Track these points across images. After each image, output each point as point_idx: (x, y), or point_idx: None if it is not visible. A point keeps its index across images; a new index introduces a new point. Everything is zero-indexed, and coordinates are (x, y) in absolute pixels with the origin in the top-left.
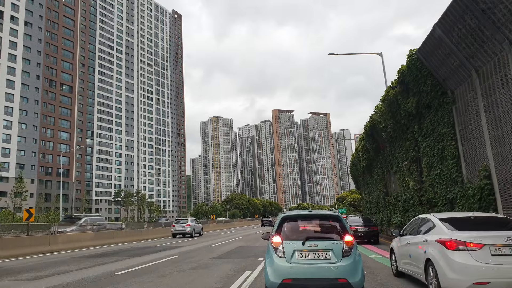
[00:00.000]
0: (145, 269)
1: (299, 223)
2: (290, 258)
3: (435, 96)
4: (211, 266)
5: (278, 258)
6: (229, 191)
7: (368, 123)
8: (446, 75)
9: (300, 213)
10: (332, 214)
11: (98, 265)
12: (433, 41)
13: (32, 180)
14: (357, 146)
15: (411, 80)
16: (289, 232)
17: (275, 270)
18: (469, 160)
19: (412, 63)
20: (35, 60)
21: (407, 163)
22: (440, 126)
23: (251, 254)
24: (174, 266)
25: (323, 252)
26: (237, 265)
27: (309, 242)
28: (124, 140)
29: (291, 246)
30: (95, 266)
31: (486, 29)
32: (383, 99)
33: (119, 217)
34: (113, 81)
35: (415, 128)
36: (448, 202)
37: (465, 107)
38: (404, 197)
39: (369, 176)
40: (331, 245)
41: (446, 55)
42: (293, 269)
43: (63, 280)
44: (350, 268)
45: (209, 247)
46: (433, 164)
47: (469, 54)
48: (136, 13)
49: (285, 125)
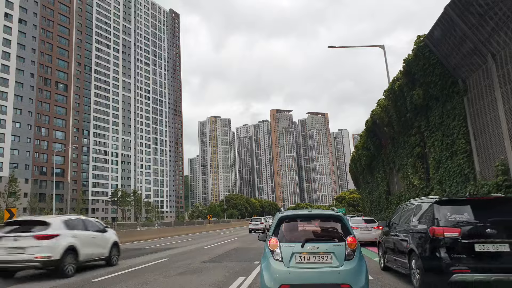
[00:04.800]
0: (127, 275)
1: (298, 223)
2: (288, 262)
3: (445, 86)
4: (201, 271)
5: (275, 262)
6: (227, 191)
7: (370, 119)
8: (458, 62)
9: (299, 213)
10: (334, 214)
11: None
12: (444, 25)
13: (26, 180)
14: (357, 143)
15: (418, 69)
16: (287, 234)
17: (272, 275)
18: (483, 155)
19: (420, 51)
20: (30, 58)
21: (412, 160)
22: (449, 119)
23: (246, 257)
24: (160, 271)
25: (324, 255)
26: (230, 270)
27: (308, 245)
28: (121, 139)
29: (289, 249)
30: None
31: (507, 7)
32: (387, 93)
33: (116, 218)
34: (109, 80)
35: (422, 122)
36: None
37: (479, 97)
38: (408, 195)
39: (370, 175)
40: (333, 247)
41: (458, 40)
42: (292, 274)
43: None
44: (353, 273)
45: (202, 248)
46: (442, 160)
47: (485, 37)
48: (133, 12)
49: (283, 125)
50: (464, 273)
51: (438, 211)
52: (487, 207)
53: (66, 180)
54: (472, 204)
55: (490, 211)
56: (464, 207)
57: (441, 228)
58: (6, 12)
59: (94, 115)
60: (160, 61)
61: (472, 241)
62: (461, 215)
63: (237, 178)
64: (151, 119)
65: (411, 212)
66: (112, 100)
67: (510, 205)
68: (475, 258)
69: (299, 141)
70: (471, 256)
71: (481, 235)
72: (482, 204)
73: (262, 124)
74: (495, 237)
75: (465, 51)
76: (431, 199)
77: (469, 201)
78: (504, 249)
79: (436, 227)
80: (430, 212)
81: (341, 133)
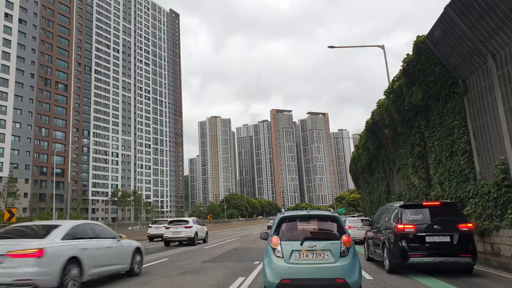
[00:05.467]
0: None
1: (298, 223)
2: (289, 259)
3: (444, 86)
4: (201, 271)
5: (276, 259)
6: (228, 191)
7: (370, 119)
8: (458, 62)
9: (299, 214)
10: (330, 215)
11: None
12: (444, 25)
13: (27, 180)
14: (357, 143)
15: (418, 69)
16: (287, 233)
17: (274, 270)
18: (483, 155)
19: (419, 51)
20: (30, 58)
21: (412, 160)
22: (449, 119)
23: (247, 257)
24: (160, 271)
25: (321, 252)
26: (230, 270)
27: (307, 243)
28: (121, 139)
29: (289, 247)
30: None
31: (507, 7)
32: (387, 93)
33: (116, 218)
34: (110, 80)
35: (422, 122)
36: (458, 200)
37: (479, 97)
38: (408, 195)
39: (370, 175)
40: (329, 245)
41: (458, 40)
42: (291, 269)
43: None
44: (348, 268)
45: (203, 248)
46: (442, 160)
47: (485, 37)
48: (133, 12)
49: (283, 125)
50: (418, 257)
51: (402, 213)
52: (435, 210)
53: (66, 180)
54: (425, 207)
55: (437, 213)
56: (420, 210)
57: (403, 225)
58: (6, 12)
59: (94, 115)
60: (160, 61)
61: (424, 234)
62: (417, 216)
63: (237, 178)
64: (151, 119)
65: (385, 213)
66: (112, 100)
67: (451, 208)
68: (426, 246)
69: (299, 141)
70: (423, 245)
71: (430, 230)
72: (432, 207)
73: (262, 124)
74: (440, 231)
75: (465, 51)
76: (397, 204)
77: (424, 205)
78: (446, 240)
79: (399, 224)
80: (396, 213)
81: (341, 133)
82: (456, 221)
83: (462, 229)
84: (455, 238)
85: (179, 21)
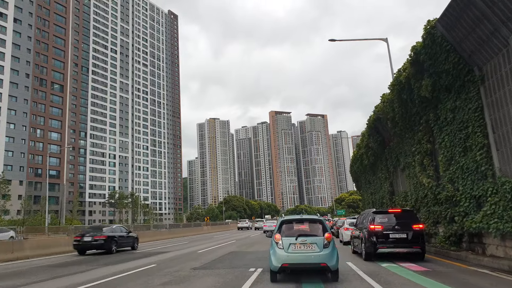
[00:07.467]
0: (106, 284)
1: (294, 224)
2: (287, 249)
3: (459, 76)
4: (188, 281)
5: (278, 249)
6: (226, 193)
7: (373, 115)
8: (473, 48)
9: (295, 218)
10: (317, 219)
11: (57, 277)
12: (459, 5)
13: (21, 181)
14: (359, 142)
15: (428, 58)
16: (286, 231)
17: (277, 258)
18: (503, 149)
19: (430, 38)
20: (25, 58)
21: (419, 157)
22: (463, 111)
23: (241, 263)
24: (143, 279)
25: (310, 245)
26: (222, 279)
27: (300, 238)
28: (118, 141)
29: (288, 241)
30: (52, 279)
31: None
32: (392, 85)
33: (113, 220)
34: (107, 81)
35: (430, 116)
36: (473, 200)
37: (498, 86)
38: (415, 195)
39: (372, 175)
40: (316, 240)
41: (474, 21)
42: (289, 257)
43: None
44: (329, 256)
45: (195, 253)
46: (454, 157)
47: (507, 16)
48: (131, 13)
49: (282, 126)
50: (383, 248)
51: (374, 217)
52: (397, 215)
53: (62, 182)
54: (391, 213)
55: (398, 217)
56: (387, 215)
57: (373, 225)
58: (1, 11)
59: (91, 116)
60: (159, 62)
61: (388, 232)
62: (384, 219)
63: (236, 180)
64: (149, 121)
65: (364, 217)
66: (109, 101)
67: (409, 213)
68: (389, 241)
69: (298, 143)
70: (387, 240)
71: (393, 229)
72: (395, 213)
73: (261, 126)
74: (399, 230)
75: (483, 34)
76: (372, 210)
77: (389, 212)
78: (403, 236)
79: (371, 225)
80: (370, 217)
81: (340, 134)
82: (411, 223)
83: (415, 229)
84: (409, 235)
85: (177, 23)
